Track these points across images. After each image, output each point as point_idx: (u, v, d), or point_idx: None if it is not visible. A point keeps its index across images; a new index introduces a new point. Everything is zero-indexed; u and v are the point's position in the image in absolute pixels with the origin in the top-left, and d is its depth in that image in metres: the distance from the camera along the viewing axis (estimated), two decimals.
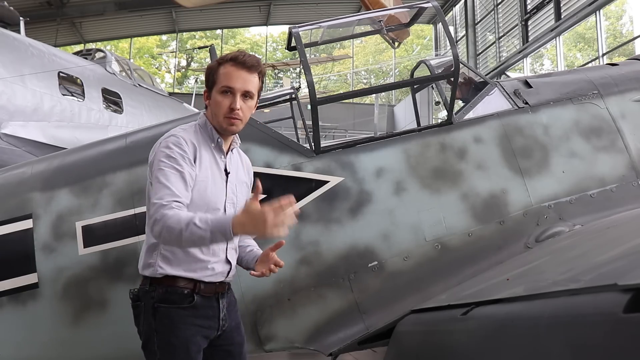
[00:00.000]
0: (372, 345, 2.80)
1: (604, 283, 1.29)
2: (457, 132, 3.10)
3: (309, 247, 2.83)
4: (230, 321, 2.20)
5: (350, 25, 3.79)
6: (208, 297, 2.07)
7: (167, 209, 1.87)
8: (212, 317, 2.09)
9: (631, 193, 3.09)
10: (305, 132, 5.12)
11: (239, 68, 2.04)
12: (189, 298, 2.01)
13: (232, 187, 2.15)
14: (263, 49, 31.84)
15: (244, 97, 2.06)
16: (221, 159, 2.13)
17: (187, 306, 2.01)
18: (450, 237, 2.91)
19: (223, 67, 2.05)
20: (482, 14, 21.47)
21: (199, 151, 2.04)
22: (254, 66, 2.06)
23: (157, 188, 1.94)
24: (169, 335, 1.99)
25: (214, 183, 2.07)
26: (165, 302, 2.00)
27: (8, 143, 8.83)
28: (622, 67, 3.65)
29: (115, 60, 12.66)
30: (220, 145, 2.12)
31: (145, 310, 2.03)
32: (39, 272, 2.75)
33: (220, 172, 2.11)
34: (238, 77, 2.03)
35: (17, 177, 3.05)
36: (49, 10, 20.28)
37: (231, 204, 2.12)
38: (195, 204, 1.99)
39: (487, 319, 1.74)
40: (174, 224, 1.84)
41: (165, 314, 2.00)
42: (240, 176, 2.22)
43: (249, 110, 2.10)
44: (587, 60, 17.54)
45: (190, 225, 1.81)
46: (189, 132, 2.08)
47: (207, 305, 2.07)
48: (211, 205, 2.05)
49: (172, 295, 2.01)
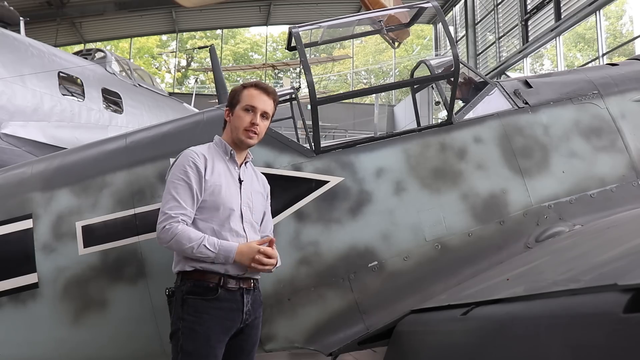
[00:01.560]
0: (372, 345, 2.80)
1: (604, 283, 1.29)
2: (457, 132, 3.09)
3: (309, 247, 2.83)
4: (253, 319, 2.35)
5: (350, 25, 3.79)
6: (232, 292, 2.27)
7: (176, 222, 2.22)
8: (235, 310, 2.27)
9: (631, 193, 3.08)
10: (305, 132, 5.12)
11: (260, 92, 2.43)
12: (213, 291, 2.23)
13: (247, 194, 2.42)
14: (263, 49, 31.86)
15: (262, 116, 2.42)
16: (235, 170, 2.42)
17: (212, 298, 2.23)
18: (450, 237, 2.91)
19: (247, 90, 2.44)
20: (482, 14, 21.47)
21: (211, 162, 2.35)
22: (272, 92, 2.47)
23: (167, 198, 2.29)
24: (193, 323, 2.20)
25: (227, 188, 2.35)
26: (192, 294, 2.24)
27: (8, 143, 8.82)
28: (622, 67, 3.65)
29: (115, 60, 12.65)
30: (233, 157, 2.42)
31: (176, 302, 2.27)
32: (39, 272, 2.75)
33: (234, 180, 2.40)
34: (260, 98, 2.41)
35: (17, 177, 3.04)
36: (49, 10, 20.29)
37: (247, 207, 2.39)
38: (211, 205, 2.30)
39: (487, 319, 1.74)
40: (184, 240, 2.19)
41: (191, 304, 2.22)
42: (255, 187, 2.50)
43: (264, 129, 2.46)
44: (587, 60, 17.54)
45: (201, 246, 2.19)
46: (203, 148, 2.42)
47: (231, 299, 2.27)
48: (227, 205, 2.32)
49: (199, 288, 2.24)
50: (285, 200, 2.82)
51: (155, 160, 2.89)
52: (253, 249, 2.23)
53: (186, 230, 2.21)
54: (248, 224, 2.36)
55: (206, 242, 2.19)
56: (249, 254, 2.22)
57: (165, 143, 2.98)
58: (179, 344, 2.20)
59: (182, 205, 2.24)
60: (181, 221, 2.23)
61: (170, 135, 3.04)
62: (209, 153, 2.39)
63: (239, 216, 2.34)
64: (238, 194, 2.37)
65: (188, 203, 2.26)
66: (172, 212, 2.23)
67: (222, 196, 2.31)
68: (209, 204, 2.30)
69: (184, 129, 3.08)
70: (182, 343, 2.19)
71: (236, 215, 2.33)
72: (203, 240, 2.19)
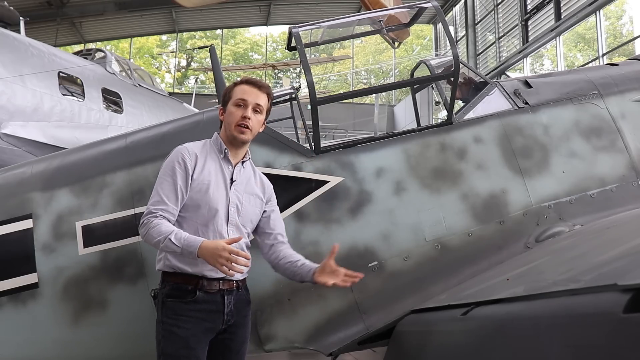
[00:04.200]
0: (372, 345, 2.80)
1: (604, 283, 1.29)
2: (457, 132, 3.09)
3: (309, 247, 2.83)
4: (239, 318, 2.33)
5: (350, 25, 3.79)
6: (212, 294, 2.25)
7: (153, 217, 2.21)
8: (215, 312, 2.25)
9: (631, 193, 3.08)
10: (305, 132, 5.12)
11: (252, 87, 2.39)
12: (191, 293, 2.22)
13: (238, 194, 2.36)
14: (263, 49, 31.85)
15: (254, 110, 2.37)
16: (228, 169, 2.38)
17: (190, 300, 2.22)
18: (450, 237, 2.91)
19: (239, 86, 2.41)
20: (482, 14, 21.47)
21: (202, 160, 2.33)
22: (264, 87, 2.43)
23: (153, 193, 2.29)
24: (171, 325, 2.21)
25: (215, 187, 2.32)
26: (171, 297, 2.24)
27: (8, 143, 8.82)
28: (622, 67, 3.65)
29: (115, 60, 12.65)
30: (227, 156, 2.38)
31: (157, 305, 2.29)
32: (39, 272, 2.75)
33: (224, 179, 2.35)
34: (251, 92, 2.38)
35: (17, 177, 3.04)
36: (49, 10, 20.28)
37: (235, 208, 2.34)
38: (195, 204, 2.28)
39: (487, 319, 1.74)
40: (154, 233, 2.17)
41: (170, 307, 2.24)
42: (251, 189, 2.44)
43: (258, 123, 2.40)
44: (587, 61, 17.54)
45: (167, 240, 2.14)
46: (197, 145, 2.40)
47: (211, 301, 2.25)
48: (212, 204, 2.29)
49: (177, 291, 2.24)
50: (285, 200, 2.82)
51: (155, 160, 2.87)
52: (218, 246, 2.09)
53: (159, 225, 2.18)
54: (233, 226, 2.32)
55: (173, 237, 2.13)
56: (213, 251, 2.08)
57: (165, 143, 2.97)
58: (160, 347, 2.22)
59: (164, 201, 2.24)
60: (159, 216, 2.21)
61: (170, 135, 3.03)
62: (203, 150, 2.37)
63: (224, 217, 2.30)
64: (225, 194, 2.33)
65: (171, 199, 2.24)
66: (153, 207, 2.24)
67: (208, 195, 2.28)
68: (194, 202, 2.27)
69: (184, 129, 3.08)
70: (162, 346, 2.21)
71: (221, 215, 2.29)
72: (171, 234, 2.14)
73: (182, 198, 2.27)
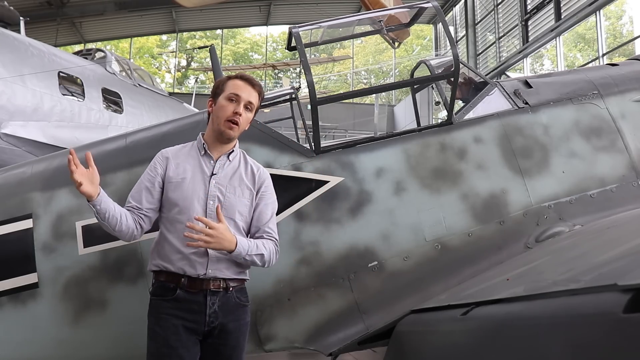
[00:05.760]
0: (372, 345, 2.80)
1: (604, 283, 1.29)
2: (457, 132, 3.10)
3: (309, 247, 2.83)
4: (227, 322, 2.27)
5: (350, 25, 3.79)
6: (193, 293, 2.24)
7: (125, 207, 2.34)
8: (197, 312, 2.23)
9: (631, 193, 3.09)
10: (305, 132, 5.12)
11: (245, 83, 2.39)
12: (172, 291, 2.24)
13: (220, 187, 2.34)
14: (263, 49, 31.85)
15: (246, 108, 2.37)
16: (209, 164, 2.38)
17: (170, 298, 2.24)
18: (450, 237, 2.91)
19: (232, 80, 2.41)
20: (482, 14, 21.47)
21: (175, 160, 2.38)
22: (257, 84, 2.44)
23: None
24: (153, 324, 2.26)
25: (192, 182, 2.33)
26: (155, 295, 2.30)
27: (8, 143, 8.83)
28: (622, 67, 3.65)
29: (115, 60, 12.65)
30: (207, 153, 2.39)
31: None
32: (39, 272, 2.75)
33: (202, 174, 2.35)
34: (244, 89, 2.38)
35: (17, 177, 3.04)
36: (49, 10, 20.28)
37: (214, 200, 2.31)
38: (173, 201, 2.31)
39: (487, 319, 1.74)
40: None
41: (154, 305, 2.29)
42: (237, 180, 2.39)
43: (246, 121, 2.41)
44: (587, 61, 17.54)
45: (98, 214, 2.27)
46: (174, 148, 2.46)
47: (192, 300, 2.24)
48: (188, 199, 2.30)
49: (160, 289, 2.29)
50: (285, 200, 2.82)
51: None
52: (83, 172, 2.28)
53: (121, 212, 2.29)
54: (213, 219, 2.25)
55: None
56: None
57: (165, 143, 2.96)
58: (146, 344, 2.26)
59: (128, 200, 2.36)
60: (128, 207, 2.32)
61: (170, 135, 3.03)
62: (180, 152, 2.42)
63: (201, 210, 2.27)
64: (204, 188, 2.31)
65: (135, 198, 2.34)
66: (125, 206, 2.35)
67: (182, 190, 2.30)
68: (172, 201, 2.30)
69: (184, 129, 3.08)
70: (148, 344, 2.25)
71: (197, 208, 2.26)
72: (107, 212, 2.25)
73: (151, 197, 2.33)
